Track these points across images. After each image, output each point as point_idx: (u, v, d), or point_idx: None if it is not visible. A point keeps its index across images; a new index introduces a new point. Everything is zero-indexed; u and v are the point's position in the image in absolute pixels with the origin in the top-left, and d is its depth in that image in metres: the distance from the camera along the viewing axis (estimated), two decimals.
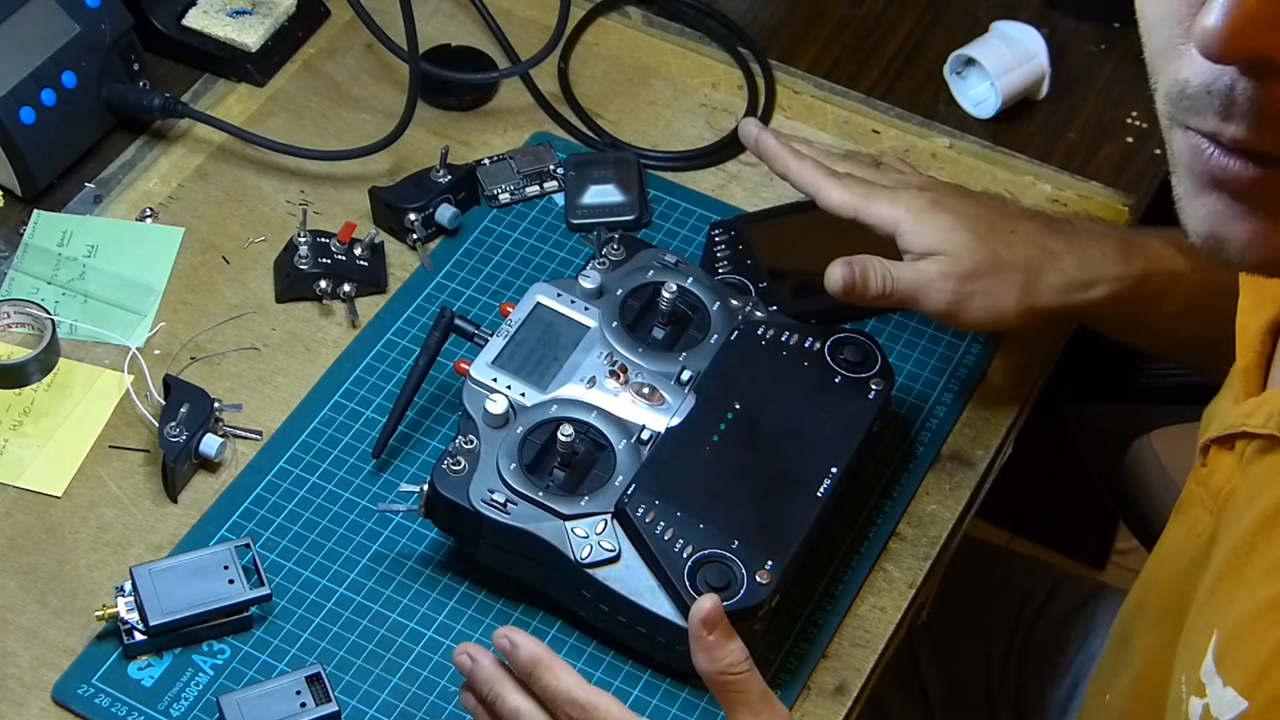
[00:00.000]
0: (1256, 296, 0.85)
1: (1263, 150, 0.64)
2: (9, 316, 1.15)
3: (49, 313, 1.14)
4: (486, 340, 1.07)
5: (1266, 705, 0.73)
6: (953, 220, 1.06)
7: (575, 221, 1.23)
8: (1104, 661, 1.05)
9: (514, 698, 0.92)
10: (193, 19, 1.32)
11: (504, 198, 1.24)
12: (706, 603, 0.88)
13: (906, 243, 1.06)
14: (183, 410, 1.06)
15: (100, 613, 0.99)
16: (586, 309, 1.08)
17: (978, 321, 1.08)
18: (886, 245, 1.07)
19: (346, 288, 1.17)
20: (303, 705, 0.96)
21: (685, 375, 1.06)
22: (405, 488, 1.03)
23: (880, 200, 1.07)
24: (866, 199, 1.08)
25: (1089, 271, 1.07)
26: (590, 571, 0.98)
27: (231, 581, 1.00)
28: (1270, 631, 0.73)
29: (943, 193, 1.09)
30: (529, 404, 1.04)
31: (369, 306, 1.18)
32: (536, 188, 1.24)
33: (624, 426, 1.03)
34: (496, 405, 1.02)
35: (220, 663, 1.00)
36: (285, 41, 1.33)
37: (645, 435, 1.03)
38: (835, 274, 1.05)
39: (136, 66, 1.25)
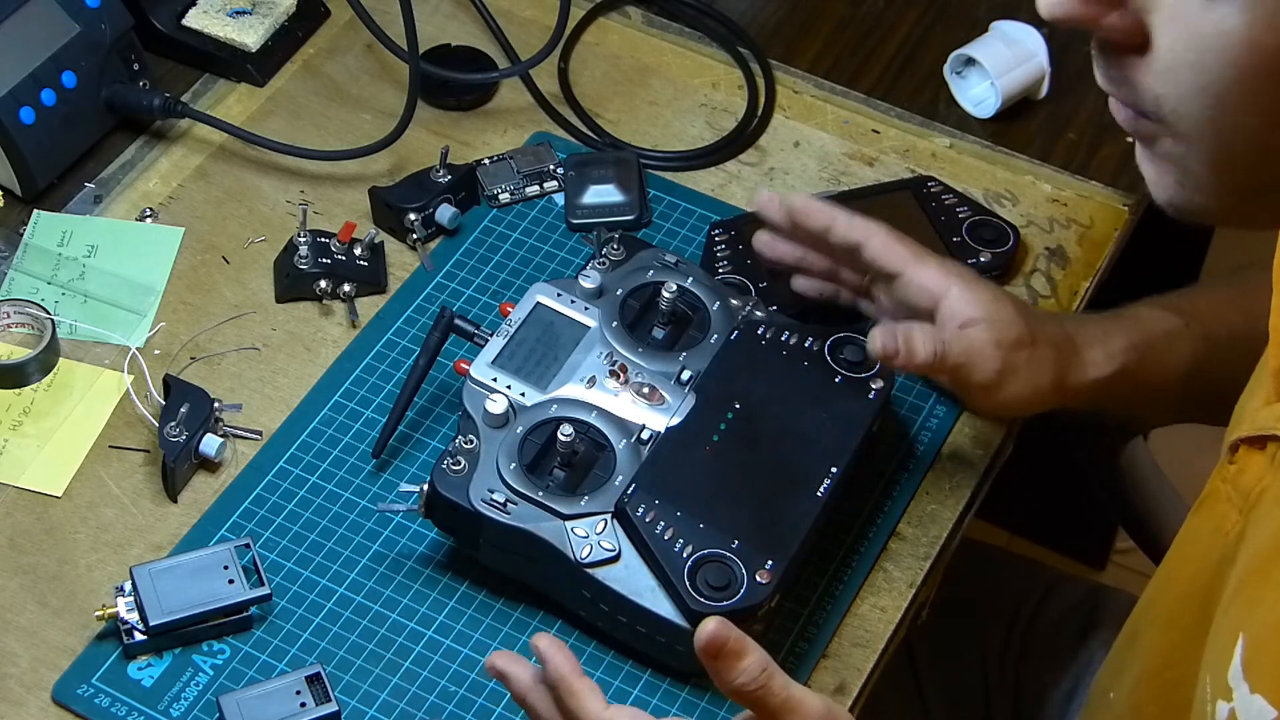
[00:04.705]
0: None
1: (1119, 100, 0.72)
2: (9, 316, 1.15)
3: (49, 313, 1.14)
4: (486, 340, 1.07)
5: None
6: (995, 292, 1.06)
7: (575, 221, 1.23)
8: (1110, 661, 1.04)
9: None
10: (193, 19, 1.32)
11: (504, 198, 1.24)
12: (707, 628, 0.80)
13: (954, 308, 1.04)
14: (183, 410, 1.06)
15: (100, 613, 0.99)
16: (586, 309, 1.08)
17: (1018, 395, 1.06)
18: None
19: (346, 288, 1.17)
20: (303, 705, 0.96)
21: (685, 375, 1.06)
22: (405, 488, 1.03)
23: (931, 263, 1.06)
24: (918, 259, 1.06)
25: (1098, 349, 1.07)
26: (590, 571, 0.98)
27: (231, 581, 1.00)
28: None
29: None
30: (529, 404, 1.04)
31: (369, 306, 1.18)
32: (536, 188, 1.24)
33: (624, 426, 1.03)
34: (496, 405, 1.02)
35: (220, 663, 1.00)
36: (285, 41, 1.33)
37: (645, 435, 1.03)
38: (876, 342, 1.02)
39: (136, 66, 1.25)
